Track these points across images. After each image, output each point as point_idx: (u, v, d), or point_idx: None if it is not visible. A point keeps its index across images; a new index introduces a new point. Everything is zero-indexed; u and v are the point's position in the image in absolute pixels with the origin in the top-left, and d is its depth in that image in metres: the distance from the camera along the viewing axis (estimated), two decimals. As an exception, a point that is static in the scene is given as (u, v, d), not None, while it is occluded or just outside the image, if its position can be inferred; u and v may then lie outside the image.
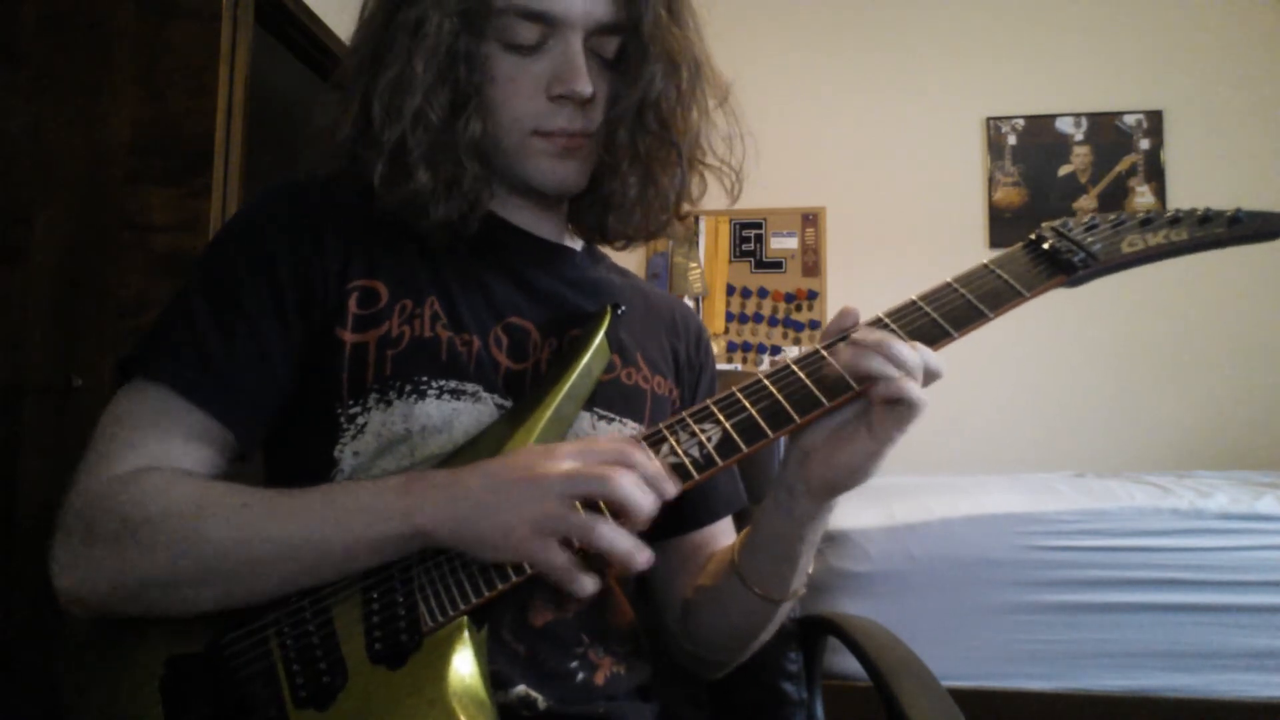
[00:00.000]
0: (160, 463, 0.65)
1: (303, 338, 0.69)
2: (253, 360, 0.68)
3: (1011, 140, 3.31)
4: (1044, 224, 0.70)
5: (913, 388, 0.58)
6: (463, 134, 0.71)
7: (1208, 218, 0.68)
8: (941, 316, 0.64)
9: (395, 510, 0.59)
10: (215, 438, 0.68)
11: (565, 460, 0.58)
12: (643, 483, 0.57)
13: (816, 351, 0.64)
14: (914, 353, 0.59)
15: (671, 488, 0.59)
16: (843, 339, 0.64)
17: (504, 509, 0.57)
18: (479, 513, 0.57)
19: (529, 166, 0.75)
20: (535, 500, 0.56)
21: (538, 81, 0.72)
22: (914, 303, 0.65)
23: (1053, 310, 3.12)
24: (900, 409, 0.59)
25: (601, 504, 0.57)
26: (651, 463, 0.59)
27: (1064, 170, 3.27)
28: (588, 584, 0.58)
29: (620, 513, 0.57)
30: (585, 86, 0.71)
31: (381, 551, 0.59)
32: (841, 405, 0.62)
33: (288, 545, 0.59)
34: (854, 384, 0.61)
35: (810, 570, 0.75)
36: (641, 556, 0.57)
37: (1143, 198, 3.20)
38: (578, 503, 0.56)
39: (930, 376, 0.61)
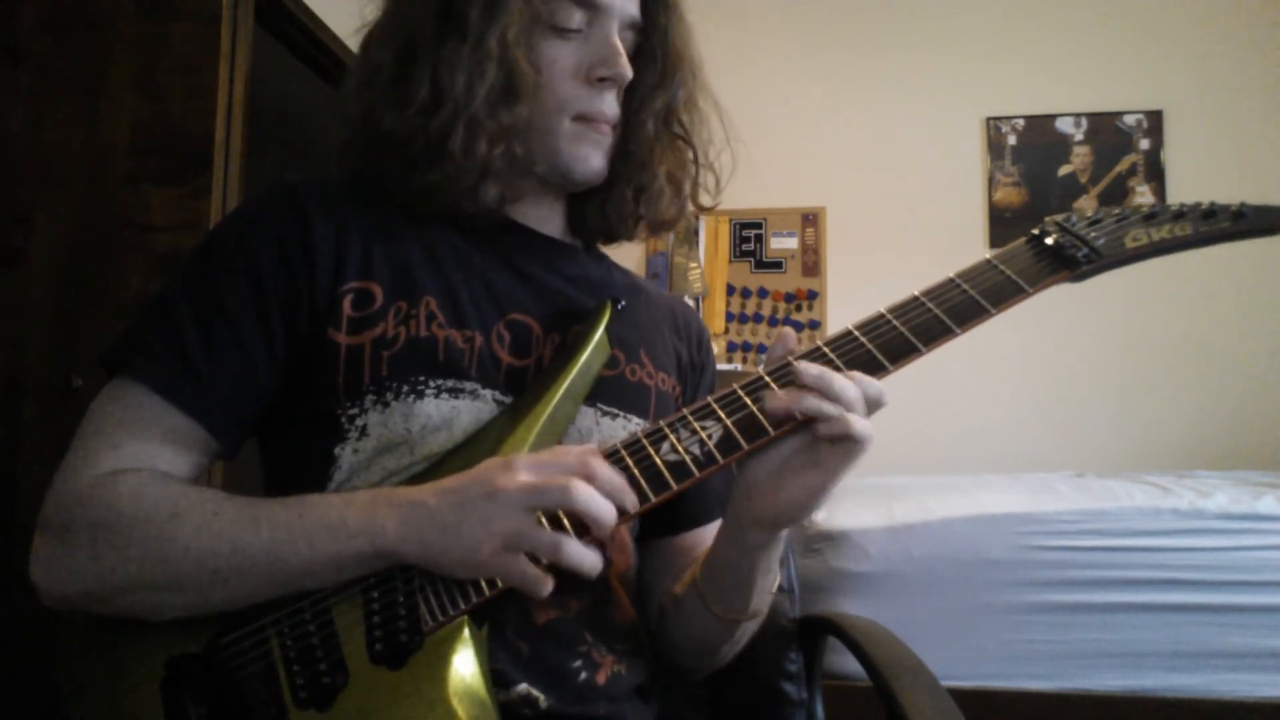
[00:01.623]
0: (139, 463, 0.65)
1: (288, 341, 0.69)
2: (232, 363, 0.68)
3: (1011, 140, 3.31)
4: (1047, 219, 0.69)
5: (857, 422, 0.58)
6: (517, 115, 0.72)
7: (1212, 212, 0.67)
8: (944, 312, 0.64)
9: (358, 529, 0.59)
10: (194, 439, 0.68)
11: (524, 473, 0.57)
12: (602, 493, 0.57)
13: (818, 347, 0.64)
14: (854, 386, 0.59)
15: (632, 500, 0.58)
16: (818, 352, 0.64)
17: (466, 527, 0.56)
18: (442, 532, 0.57)
19: (567, 153, 0.75)
20: (498, 516, 0.56)
21: (578, 66, 0.74)
22: (916, 298, 0.65)
23: (1053, 310, 3.12)
24: (846, 444, 0.59)
25: (563, 515, 0.57)
26: (611, 472, 0.58)
27: (1064, 170, 3.27)
28: (549, 584, 0.58)
29: (583, 523, 0.57)
30: (628, 69, 0.74)
31: (342, 569, 0.60)
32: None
33: (249, 557, 0.59)
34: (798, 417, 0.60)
35: (773, 591, 0.75)
36: (599, 567, 0.58)
37: (1143, 198, 3.20)
38: (541, 516, 0.56)
39: (873, 406, 0.61)
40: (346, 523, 0.59)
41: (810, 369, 0.60)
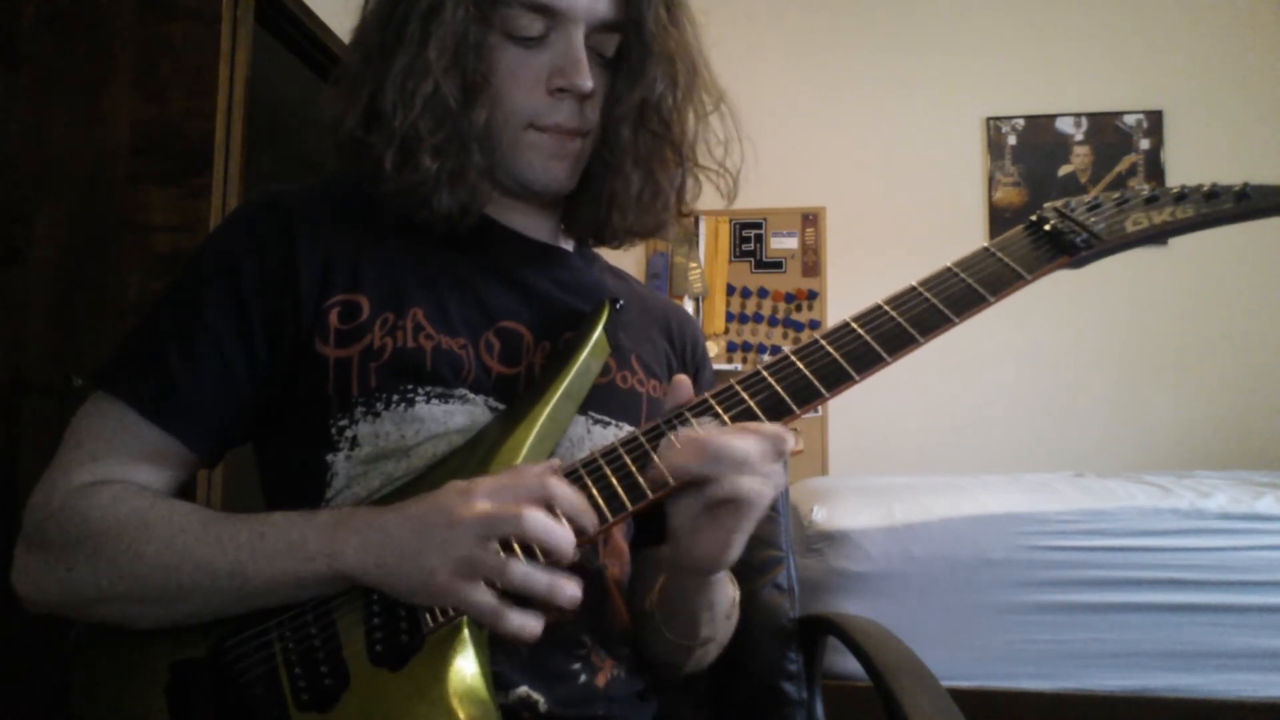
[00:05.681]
0: (117, 476, 0.66)
1: (271, 353, 0.69)
2: (211, 376, 0.68)
3: (1011, 140, 3.31)
4: (1046, 205, 0.68)
5: (743, 484, 0.57)
6: (471, 123, 0.71)
7: (1214, 193, 0.66)
8: (941, 302, 0.63)
9: (318, 551, 0.58)
10: (173, 453, 0.68)
11: (481, 500, 0.56)
12: (559, 517, 0.56)
13: (815, 341, 0.64)
14: (744, 443, 0.57)
15: (592, 521, 0.58)
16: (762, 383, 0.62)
17: (424, 553, 0.56)
18: (400, 557, 0.57)
19: (522, 162, 0.74)
20: (453, 544, 0.55)
21: (538, 75, 0.71)
22: (914, 289, 0.65)
23: (1053, 310, 3.12)
24: (737, 504, 0.58)
25: (516, 543, 0.56)
26: (572, 495, 0.57)
27: (1064, 170, 3.27)
28: (528, 623, 0.56)
29: (540, 550, 0.56)
30: (586, 81, 0.71)
31: (302, 589, 0.60)
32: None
33: (212, 575, 0.60)
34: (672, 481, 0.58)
35: (730, 618, 0.76)
36: (565, 592, 0.56)
37: (1143, 198, 3.20)
38: (496, 543, 0.55)
39: (776, 457, 0.58)
40: (307, 544, 0.59)
41: (695, 431, 0.58)
